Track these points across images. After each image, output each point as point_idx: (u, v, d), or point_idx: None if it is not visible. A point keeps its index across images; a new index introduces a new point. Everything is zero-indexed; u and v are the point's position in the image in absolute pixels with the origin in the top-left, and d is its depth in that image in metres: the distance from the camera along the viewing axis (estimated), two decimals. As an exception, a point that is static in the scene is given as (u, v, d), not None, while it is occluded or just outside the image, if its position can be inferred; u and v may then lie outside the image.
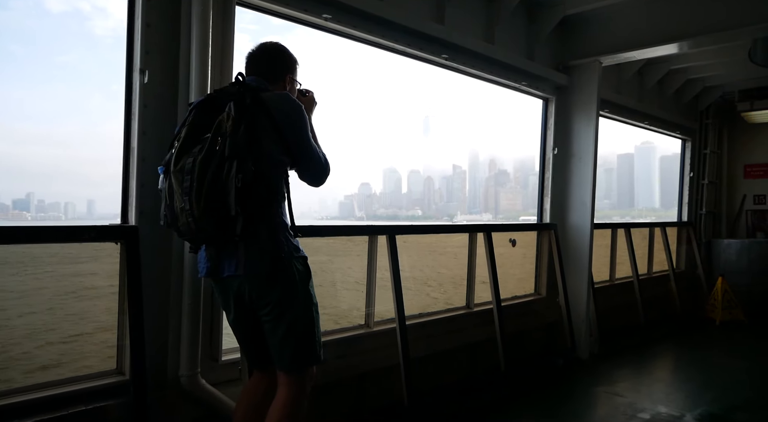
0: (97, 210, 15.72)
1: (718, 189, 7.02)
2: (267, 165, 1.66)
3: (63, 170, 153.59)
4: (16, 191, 56.25)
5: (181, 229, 1.65)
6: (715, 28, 3.84)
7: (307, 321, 1.80)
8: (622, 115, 5.31)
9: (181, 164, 1.61)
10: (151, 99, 2.17)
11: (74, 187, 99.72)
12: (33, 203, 23.14)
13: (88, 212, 18.14)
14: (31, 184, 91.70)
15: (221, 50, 2.33)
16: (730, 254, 6.51)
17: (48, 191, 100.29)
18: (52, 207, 26.49)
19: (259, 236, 1.69)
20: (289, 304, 1.75)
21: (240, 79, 1.76)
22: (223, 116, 1.64)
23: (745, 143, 7.00)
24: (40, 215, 23.30)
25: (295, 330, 1.76)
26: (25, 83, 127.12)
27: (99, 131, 78.81)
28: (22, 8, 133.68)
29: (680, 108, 6.30)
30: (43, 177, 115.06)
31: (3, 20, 63.02)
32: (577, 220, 4.45)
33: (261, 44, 1.94)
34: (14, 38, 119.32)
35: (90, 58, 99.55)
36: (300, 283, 1.78)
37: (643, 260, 6.02)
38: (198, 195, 1.56)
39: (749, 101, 6.12)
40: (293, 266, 1.76)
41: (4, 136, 75.34)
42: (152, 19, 2.17)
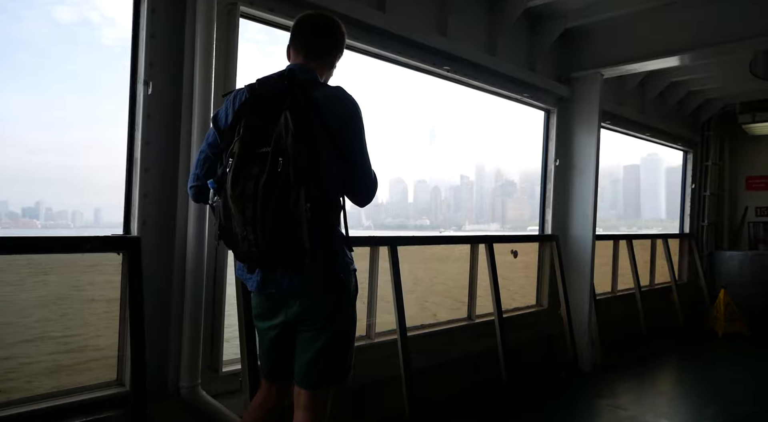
0: (104, 218, 15.76)
1: (720, 201, 7.01)
2: (332, 187, 1.58)
3: (71, 178, 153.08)
4: (26, 199, 56.61)
5: (241, 255, 1.56)
6: (715, 42, 3.86)
7: (348, 337, 1.72)
8: (624, 126, 5.32)
9: (240, 188, 1.44)
10: (155, 109, 2.19)
11: (82, 194, 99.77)
12: (42, 211, 23.12)
13: (95, 220, 18.21)
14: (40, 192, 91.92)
15: (225, 62, 2.35)
16: (732, 266, 6.48)
17: (56, 198, 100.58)
18: (61, 215, 26.51)
19: (320, 251, 1.55)
20: (335, 318, 1.66)
21: (289, 72, 1.60)
22: (281, 128, 1.46)
23: (747, 155, 7.01)
24: (49, 223, 23.26)
25: (333, 345, 1.66)
26: (34, 92, 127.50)
27: (105, 139, 78.32)
28: (33, 18, 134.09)
29: (682, 120, 6.31)
30: (52, 185, 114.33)
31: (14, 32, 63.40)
32: (578, 231, 4.45)
33: (309, 14, 1.78)
34: (24, 48, 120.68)
35: (98, 66, 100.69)
36: (351, 297, 1.71)
37: (646, 272, 6.00)
38: (263, 227, 1.43)
39: (751, 113, 6.13)
40: (348, 280, 1.69)
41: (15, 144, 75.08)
42: (157, 31, 2.19)
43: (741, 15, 3.75)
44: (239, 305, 2.36)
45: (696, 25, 3.94)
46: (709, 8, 3.86)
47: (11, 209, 21.11)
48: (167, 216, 2.23)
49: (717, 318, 5.82)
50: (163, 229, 2.22)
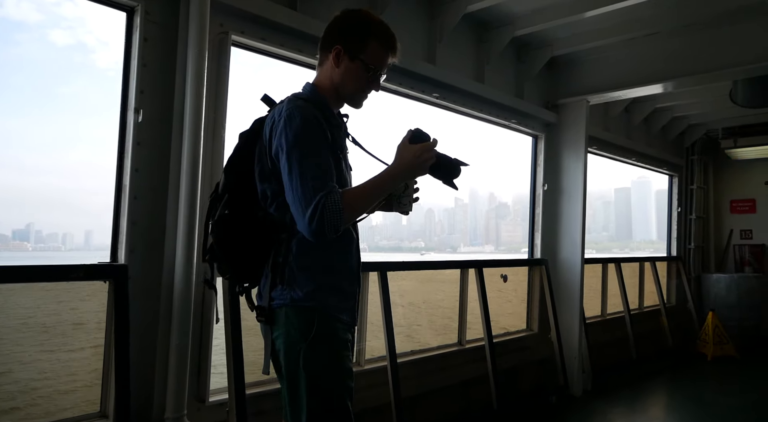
0: (95, 240, 15.63)
1: (706, 224, 7.11)
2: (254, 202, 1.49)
3: (62, 200, 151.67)
4: (16, 222, 55.43)
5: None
6: (697, 70, 3.97)
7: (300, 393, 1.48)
8: (611, 151, 5.40)
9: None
10: (145, 137, 2.19)
11: (73, 217, 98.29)
12: (32, 233, 22.84)
13: (85, 243, 18.02)
14: (31, 214, 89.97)
15: (216, 91, 2.37)
16: (719, 289, 6.54)
17: (47, 221, 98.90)
18: (51, 238, 26.21)
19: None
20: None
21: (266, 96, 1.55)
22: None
23: (731, 179, 7.14)
24: (39, 245, 22.99)
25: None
26: (28, 114, 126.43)
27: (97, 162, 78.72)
28: (28, 41, 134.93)
29: (667, 145, 6.43)
30: (43, 207, 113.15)
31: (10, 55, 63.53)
32: (567, 255, 4.47)
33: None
34: (20, 71, 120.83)
35: (92, 89, 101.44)
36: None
37: (635, 295, 6.03)
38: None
39: (732, 139, 6.28)
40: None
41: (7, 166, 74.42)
42: (148, 59, 2.21)
43: (720, 45, 3.87)
44: (227, 333, 2.33)
45: (678, 55, 4.05)
46: (690, 38, 3.99)
47: (1, 232, 20.80)
48: (156, 244, 2.21)
49: (706, 341, 5.84)
50: (151, 257, 2.20)
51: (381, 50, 1.53)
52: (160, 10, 2.24)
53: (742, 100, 4.64)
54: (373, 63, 1.52)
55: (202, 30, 2.25)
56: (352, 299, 1.55)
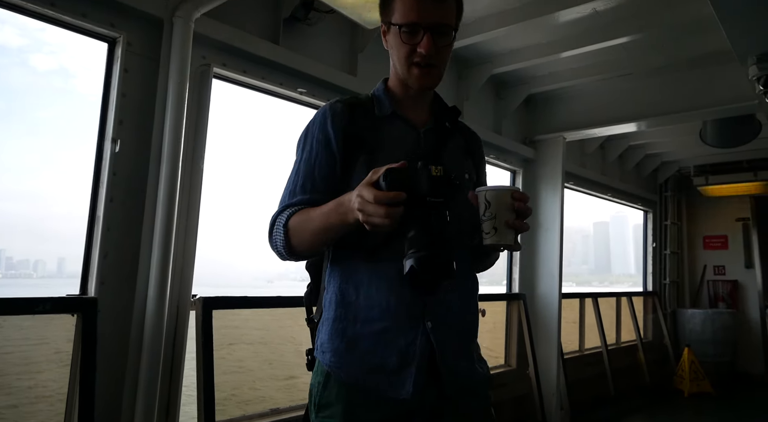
0: (68, 268, 14.98)
1: (680, 259, 7.23)
2: None
3: (35, 226, 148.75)
4: None
5: None
6: (668, 111, 4.12)
7: None
8: (587, 187, 5.51)
9: None
10: (121, 167, 2.16)
11: (45, 243, 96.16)
12: (2, 260, 22.16)
13: (58, 270, 17.26)
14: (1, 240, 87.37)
15: (195, 122, 2.36)
16: (694, 325, 6.61)
17: (18, 247, 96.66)
18: (22, 264, 25.43)
19: None
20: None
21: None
22: None
23: (704, 215, 7.30)
24: (10, 272, 22.24)
25: None
26: (3, 139, 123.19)
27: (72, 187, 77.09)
28: (8, 65, 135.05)
29: (641, 181, 6.59)
30: (15, 233, 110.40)
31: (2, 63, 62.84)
32: (545, 290, 4.49)
33: None
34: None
35: (70, 114, 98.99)
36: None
37: (612, 330, 6.05)
38: None
39: (704, 176, 6.47)
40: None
41: None
42: (128, 90, 2.20)
43: (691, 88, 4.03)
44: (199, 369, 2.27)
45: (650, 95, 4.20)
46: (661, 80, 4.14)
47: None
48: (128, 277, 2.16)
49: (682, 377, 5.86)
50: (122, 290, 2.14)
51: (407, 1, 1.17)
52: (142, 42, 2.25)
53: (711, 140, 4.80)
54: (404, 20, 1.16)
55: (184, 62, 2.25)
56: (388, 353, 1.12)
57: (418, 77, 1.20)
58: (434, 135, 1.25)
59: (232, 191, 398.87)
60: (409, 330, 1.13)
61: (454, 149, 1.27)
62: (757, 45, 2.71)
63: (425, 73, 1.19)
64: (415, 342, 1.13)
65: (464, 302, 1.23)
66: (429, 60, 1.17)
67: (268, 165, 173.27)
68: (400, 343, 1.12)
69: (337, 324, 1.16)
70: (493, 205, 1.07)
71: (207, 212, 2.50)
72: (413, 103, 1.28)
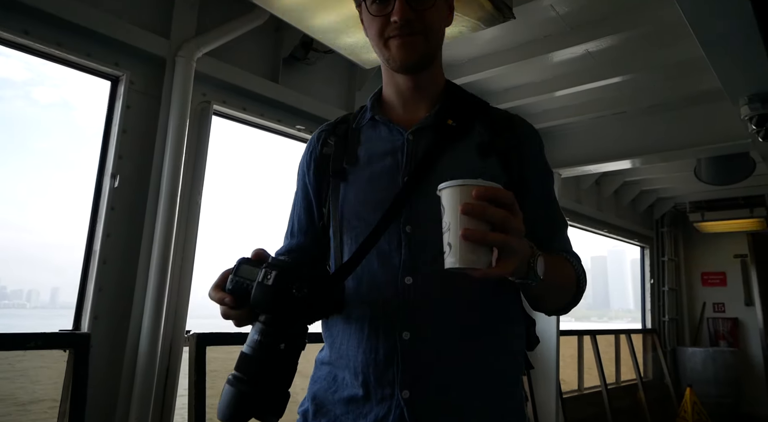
0: (61, 298, 14.71)
1: (679, 296, 7.19)
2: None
3: (29, 256, 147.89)
4: None
5: None
6: (662, 148, 4.17)
7: None
8: (583, 223, 5.53)
9: None
10: (119, 202, 2.17)
11: (39, 273, 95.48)
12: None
13: (51, 301, 17.03)
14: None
15: (194, 158, 2.39)
16: (695, 363, 6.51)
17: (12, 276, 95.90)
18: (16, 294, 25.17)
19: None
20: None
21: None
22: None
23: (701, 252, 7.30)
24: (3, 302, 22.03)
25: None
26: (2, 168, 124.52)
27: (67, 217, 76.29)
28: (11, 98, 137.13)
29: (637, 217, 6.61)
30: (10, 262, 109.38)
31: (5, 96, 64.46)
32: (542, 326, 4.44)
33: None
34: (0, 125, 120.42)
35: (69, 145, 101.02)
36: None
37: (611, 368, 5.96)
38: None
39: (700, 212, 6.50)
40: None
41: None
42: (129, 126, 2.24)
43: (684, 126, 4.09)
44: (190, 406, 2.22)
45: (643, 133, 4.27)
46: (654, 118, 4.21)
47: None
48: (122, 312, 2.14)
49: (685, 419, 5.74)
50: (116, 325, 2.12)
51: None
52: (144, 80, 2.30)
53: (705, 177, 4.85)
54: None
55: (185, 99, 2.30)
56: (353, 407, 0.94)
57: (397, 49, 0.96)
58: (430, 135, 1.00)
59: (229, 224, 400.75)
60: (379, 401, 0.91)
61: (464, 150, 0.99)
62: (748, 85, 2.78)
63: (405, 44, 0.96)
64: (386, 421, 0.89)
65: (473, 360, 0.94)
66: (408, 28, 0.95)
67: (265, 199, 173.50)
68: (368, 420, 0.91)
69: (312, 381, 1.04)
70: (447, 210, 0.76)
71: (204, 245, 2.50)
72: (407, 100, 1.05)
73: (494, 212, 0.73)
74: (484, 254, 0.74)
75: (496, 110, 1.09)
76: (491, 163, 0.99)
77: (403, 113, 1.05)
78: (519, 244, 0.76)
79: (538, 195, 1.03)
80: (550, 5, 2.68)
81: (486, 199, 0.73)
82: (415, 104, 1.05)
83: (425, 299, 0.92)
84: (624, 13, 2.76)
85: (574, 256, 1.04)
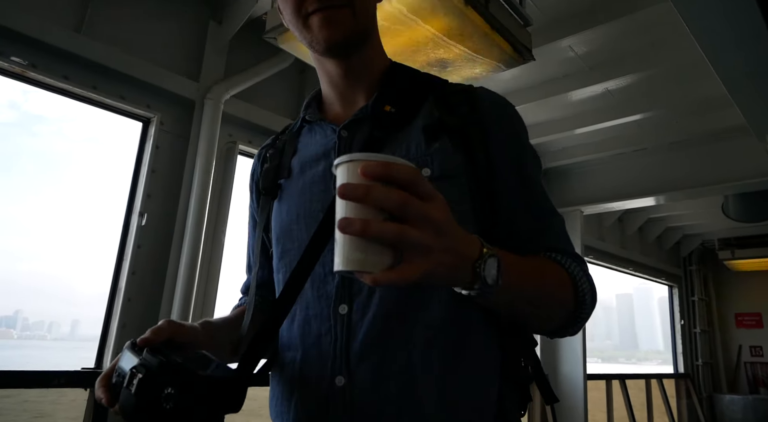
0: (81, 331, 14.68)
1: (712, 338, 6.91)
2: None
3: (52, 288, 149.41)
4: (6, 308, 54.20)
5: None
6: (686, 185, 4.11)
7: None
8: (607, 261, 5.42)
9: None
10: (146, 241, 2.21)
11: (60, 304, 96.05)
12: (19, 320, 22.28)
13: (71, 333, 16.99)
14: (20, 300, 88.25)
15: (219, 197, 2.44)
16: (734, 413, 6.17)
17: (34, 307, 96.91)
18: (37, 326, 25.51)
19: None
20: None
21: None
22: None
23: (734, 291, 7.05)
24: (25, 333, 22.31)
25: None
26: (30, 200, 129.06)
27: (91, 250, 78.34)
28: (46, 134, 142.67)
29: (663, 254, 6.46)
30: (31, 293, 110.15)
31: (27, 146, 67.28)
32: (568, 369, 4.30)
33: None
34: (34, 160, 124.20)
35: (96, 180, 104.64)
36: None
37: (643, 417, 5.70)
38: None
39: (729, 250, 6.31)
40: None
41: (2, 252, 74.14)
42: (158, 165, 2.30)
43: (708, 162, 4.04)
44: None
45: (666, 170, 4.22)
46: (677, 154, 4.17)
47: None
48: (143, 349, 2.14)
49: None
50: (137, 362, 2.12)
51: None
52: (173, 121, 2.38)
53: (734, 214, 4.75)
54: None
55: (212, 140, 2.36)
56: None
57: (320, 27, 0.81)
58: (366, 128, 0.85)
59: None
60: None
61: (407, 138, 0.83)
62: (773, 122, 2.75)
63: (328, 18, 0.80)
64: None
65: (427, 415, 0.73)
66: (327, 0, 0.79)
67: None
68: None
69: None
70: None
71: (226, 283, 2.52)
72: (342, 92, 0.91)
73: (382, 195, 0.53)
74: (378, 253, 0.54)
75: (454, 85, 0.89)
76: (441, 146, 0.81)
77: (340, 107, 0.91)
78: (431, 238, 0.55)
79: (512, 179, 0.83)
80: (569, 46, 2.72)
81: (375, 177, 0.53)
82: (352, 95, 0.89)
83: (362, 333, 0.75)
84: (643, 53, 2.78)
85: (570, 256, 0.82)
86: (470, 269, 0.60)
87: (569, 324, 0.80)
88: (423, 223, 0.54)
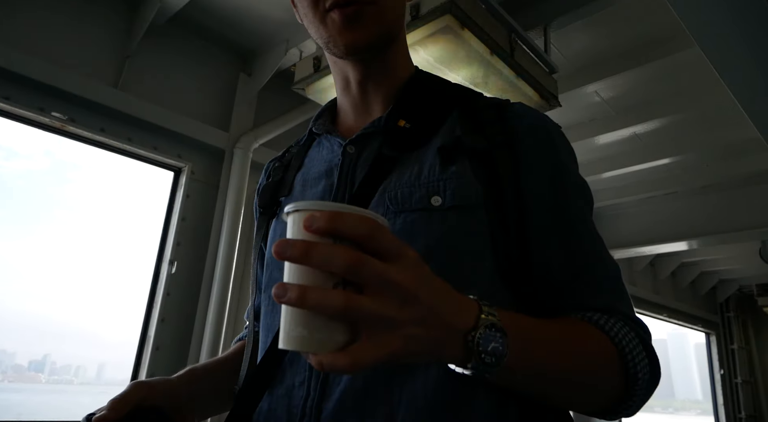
0: (107, 374, 14.79)
1: (755, 389, 6.54)
2: None
3: (79, 331, 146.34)
4: (34, 352, 53.68)
5: None
6: (719, 230, 4.00)
7: None
8: (639, 307, 5.24)
9: None
10: (175, 288, 2.22)
11: (86, 348, 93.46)
12: (48, 364, 22.46)
13: (97, 377, 17.21)
14: (47, 344, 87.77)
15: (247, 246, 2.45)
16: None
17: (62, 351, 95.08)
18: (64, 370, 25.63)
19: None
20: None
21: None
22: None
23: (775, 339, 6.73)
24: (53, 377, 22.41)
25: None
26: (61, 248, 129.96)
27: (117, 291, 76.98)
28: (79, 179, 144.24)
29: (698, 300, 6.23)
30: (60, 337, 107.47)
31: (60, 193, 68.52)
32: (606, 421, 4.10)
33: None
34: (65, 207, 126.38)
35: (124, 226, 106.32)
36: None
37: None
38: None
39: (769, 296, 6.05)
40: None
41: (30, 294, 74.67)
42: (188, 214, 2.34)
43: (742, 206, 3.94)
44: None
45: (698, 214, 4.12)
46: (709, 198, 4.08)
47: (17, 362, 20.32)
48: (169, 399, 2.11)
49: None
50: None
51: None
52: (204, 170, 2.43)
53: (772, 259, 4.58)
54: None
55: (241, 188, 2.40)
56: None
57: (339, 25, 0.69)
58: (376, 144, 0.73)
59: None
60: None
61: (420, 159, 0.69)
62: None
63: (350, 16, 0.69)
64: None
65: None
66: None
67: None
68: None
69: None
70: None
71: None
72: (357, 101, 0.79)
73: (325, 254, 0.42)
74: (325, 329, 0.43)
75: (488, 99, 0.76)
76: (459, 170, 0.66)
77: (353, 119, 0.80)
78: (393, 309, 0.43)
79: (548, 217, 0.68)
80: (595, 91, 2.73)
81: (322, 232, 0.43)
82: (368, 105, 0.78)
83: (338, 391, 0.61)
84: (670, 98, 2.77)
85: (620, 317, 0.63)
86: (461, 342, 0.48)
87: (618, 407, 0.62)
88: (382, 289, 0.43)
